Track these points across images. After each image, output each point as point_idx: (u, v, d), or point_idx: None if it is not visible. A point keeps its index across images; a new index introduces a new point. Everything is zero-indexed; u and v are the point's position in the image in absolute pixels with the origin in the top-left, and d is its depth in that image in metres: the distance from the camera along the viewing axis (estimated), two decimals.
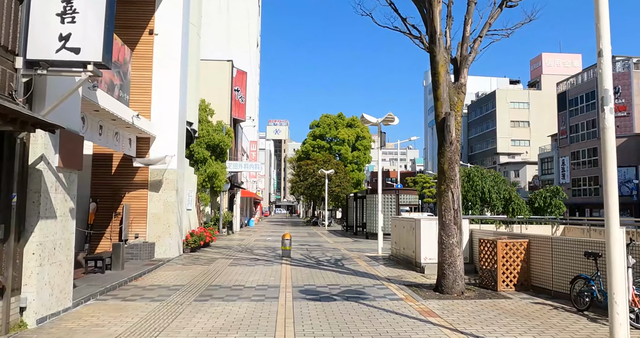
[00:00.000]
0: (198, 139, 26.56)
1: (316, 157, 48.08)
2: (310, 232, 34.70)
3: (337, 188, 45.33)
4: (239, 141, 33.79)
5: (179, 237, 16.54)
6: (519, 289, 10.26)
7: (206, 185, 26.34)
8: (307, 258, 16.42)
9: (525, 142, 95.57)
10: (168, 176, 15.91)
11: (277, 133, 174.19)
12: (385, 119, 18.28)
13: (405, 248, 14.38)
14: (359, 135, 54.61)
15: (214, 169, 25.93)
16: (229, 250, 18.90)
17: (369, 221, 27.77)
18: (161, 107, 16.03)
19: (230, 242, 23.92)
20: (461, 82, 10.41)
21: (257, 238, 26.93)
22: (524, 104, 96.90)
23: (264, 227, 42.73)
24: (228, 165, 28.06)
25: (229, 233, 29.34)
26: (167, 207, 15.77)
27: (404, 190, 27.76)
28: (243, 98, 30.71)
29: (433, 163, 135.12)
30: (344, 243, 23.72)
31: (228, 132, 28.20)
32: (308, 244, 23.11)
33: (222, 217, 28.26)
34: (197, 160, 26.61)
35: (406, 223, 14.49)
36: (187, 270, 13.21)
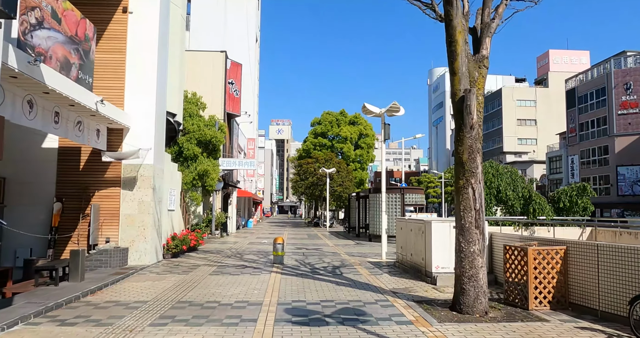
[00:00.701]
0: (189, 134, 24.74)
1: (317, 156, 46.20)
2: (310, 234, 32.82)
3: (339, 187, 43.44)
4: (235, 138, 31.95)
5: (157, 241, 14.68)
6: (555, 308, 8.35)
7: (197, 183, 24.48)
8: (302, 265, 14.53)
9: (532, 141, 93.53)
10: (143, 172, 14.05)
11: (279, 133, 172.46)
12: (389, 109, 16.39)
13: (414, 254, 12.48)
14: (362, 132, 52.68)
15: (204, 167, 24.08)
16: (216, 255, 17.03)
17: (372, 222, 25.88)
18: (136, 94, 14.18)
19: (222, 245, 22.06)
20: (482, 54, 8.51)
21: (252, 241, 25.06)
22: (530, 101, 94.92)
23: (263, 229, 40.87)
24: (221, 162, 26.22)
25: (222, 236, 27.49)
26: (142, 207, 13.91)
27: (409, 189, 25.88)
28: (238, 91, 28.87)
29: (438, 163, 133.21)
30: (344, 247, 21.84)
31: (221, 127, 26.36)
32: (305, 248, 21.24)
33: (214, 218, 26.41)
34: (187, 157, 24.77)
35: (414, 225, 12.58)
36: (160, 281, 11.34)
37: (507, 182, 19.19)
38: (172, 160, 24.86)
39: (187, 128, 24.71)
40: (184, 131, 24.86)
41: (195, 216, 26.53)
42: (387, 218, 17.90)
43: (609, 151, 59.11)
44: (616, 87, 59.57)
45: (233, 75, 28.41)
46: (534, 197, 18.97)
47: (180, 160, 25.10)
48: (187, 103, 25.65)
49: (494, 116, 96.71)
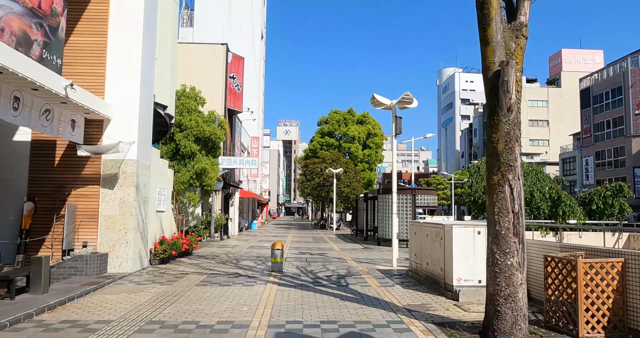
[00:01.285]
0: (186, 131, 23.28)
1: (324, 156, 44.62)
2: (315, 237, 31.25)
3: (347, 188, 41.83)
4: (237, 135, 30.46)
5: (142, 245, 13.15)
6: (611, 334, 6.73)
7: (194, 183, 23.00)
8: (303, 274, 12.95)
9: (544, 142, 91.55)
10: (126, 169, 12.55)
11: (287, 133, 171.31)
12: (401, 101, 14.79)
13: (430, 263, 10.87)
14: (371, 132, 51.03)
15: (202, 165, 22.59)
16: (210, 261, 15.49)
17: (381, 225, 24.27)
18: (118, 82, 12.68)
19: (220, 249, 20.53)
20: (520, 21, 6.91)
21: (253, 245, 23.52)
22: (542, 102, 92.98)
23: (267, 231, 39.34)
24: (221, 161, 24.72)
25: (222, 239, 25.98)
26: (124, 208, 12.40)
27: (421, 190, 24.25)
28: (240, 86, 27.40)
29: (447, 164, 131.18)
30: (351, 252, 20.25)
31: (221, 124, 24.88)
32: (309, 252, 19.67)
33: (213, 219, 24.90)
34: (184, 154, 23.30)
35: (430, 230, 10.98)
36: (137, 293, 9.81)
37: (532, 181, 17.42)
38: (169, 159, 23.43)
39: (185, 124, 23.25)
40: (181, 127, 23.42)
41: (194, 218, 25.05)
42: (398, 221, 16.28)
43: (626, 152, 57.15)
44: (633, 86, 57.64)
45: (235, 69, 26.94)
46: (563, 199, 17.14)
47: (178, 159, 23.65)
48: (184, 98, 24.21)
49: None
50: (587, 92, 66.04)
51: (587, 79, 67.17)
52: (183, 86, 24.65)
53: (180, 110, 23.80)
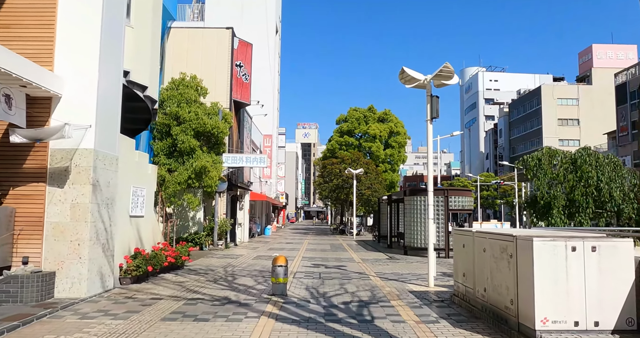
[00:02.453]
0: (184, 124, 20.37)
1: (343, 156, 41.47)
2: (333, 244, 28.11)
3: (368, 191, 38.62)
4: (245, 132, 27.51)
5: (104, 261, 10.16)
6: None
7: (193, 183, 20.06)
8: (313, 299, 9.83)
9: (575, 142, 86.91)
10: (80, 161, 9.60)
11: (306, 136, 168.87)
12: (438, 75, 11.60)
13: (491, 290, 7.67)
14: (393, 130, 47.71)
15: (202, 163, 19.63)
16: (199, 279, 12.47)
17: (408, 231, 21.04)
18: (72, 49, 9.76)
19: (220, 260, 17.54)
20: None
21: (261, 254, 20.49)
22: (572, 100, 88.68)
23: (281, 237, 36.34)
24: (225, 159, 21.76)
25: (227, 246, 22.99)
26: (76, 213, 9.45)
27: (455, 191, 20.98)
28: (248, 76, 24.48)
29: (470, 167, 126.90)
30: (375, 263, 17.08)
31: (225, 117, 21.93)
32: (325, 264, 16.56)
33: (217, 225, 21.92)
34: (182, 151, 20.39)
35: (491, 243, 7.77)
36: (71, 336, 6.81)
37: (610, 176, 13.82)
38: (165, 156, 20.56)
39: (183, 116, 20.35)
40: (179, 120, 20.52)
41: (194, 223, 22.12)
42: (435, 228, 13.09)
43: None
44: None
45: (241, 57, 24.04)
46: None
47: (175, 156, 20.75)
48: (183, 87, 21.34)
49: (532, 116, 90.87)
50: (624, 88, 61.95)
51: (623, 74, 63.06)
52: (182, 74, 21.78)
53: (178, 100, 20.92)
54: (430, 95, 11.88)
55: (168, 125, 20.52)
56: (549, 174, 13.30)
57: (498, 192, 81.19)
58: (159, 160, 20.50)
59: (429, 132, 12.16)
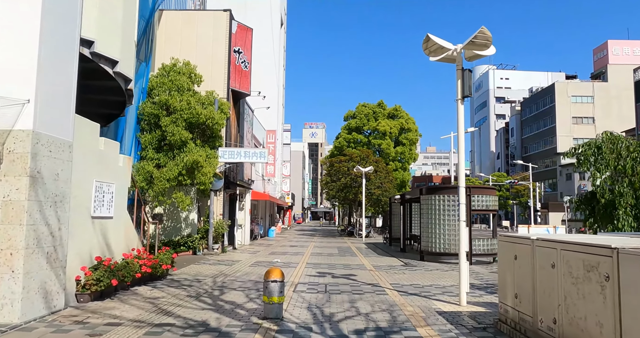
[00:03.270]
0: (175, 114, 18.25)
1: (351, 153, 39.21)
2: (341, 248, 25.89)
3: (377, 190, 36.35)
4: (246, 125, 25.35)
5: (50, 274, 7.98)
6: None
7: (184, 180, 17.93)
8: (316, 325, 7.60)
9: None
10: (14, 146, 7.43)
11: (313, 136, 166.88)
12: (470, 43, 9.32)
13: (566, 322, 5.41)
14: (403, 126, 45.38)
15: (194, 157, 17.49)
16: (180, 293, 10.29)
17: (425, 234, 18.78)
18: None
19: (212, 267, 15.36)
20: None
21: (261, 260, 18.31)
22: (587, 97, 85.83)
23: (286, 239, 34.15)
24: (221, 153, 19.60)
25: (224, 250, 20.81)
26: (8, 213, 7.29)
27: (478, 189, 18.71)
28: (247, 63, 22.33)
29: (481, 167, 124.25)
30: (389, 272, 14.84)
31: (222, 107, 19.79)
32: (332, 272, 14.35)
33: (212, 227, 19.75)
34: (171, 144, 18.28)
35: (567, 257, 5.50)
36: None
37: None
38: (154, 150, 18.46)
39: (174, 105, 18.23)
40: (169, 110, 18.40)
41: (187, 225, 19.98)
42: (467, 233, 10.80)
43: None
44: None
45: (240, 42, 21.90)
46: None
47: (165, 149, 18.64)
48: (175, 74, 19.23)
49: (545, 114, 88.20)
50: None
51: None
52: (174, 60, 19.67)
53: (169, 88, 18.80)
54: (461, 69, 9.62)
55: (157, 115, 18.41)
56: (612, 165, 10.90)
57: (510, 192, 78.73)
58: (147, 154, 18.40)
59: (460, 113, 9.89)
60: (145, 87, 19.02)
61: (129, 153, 17.89)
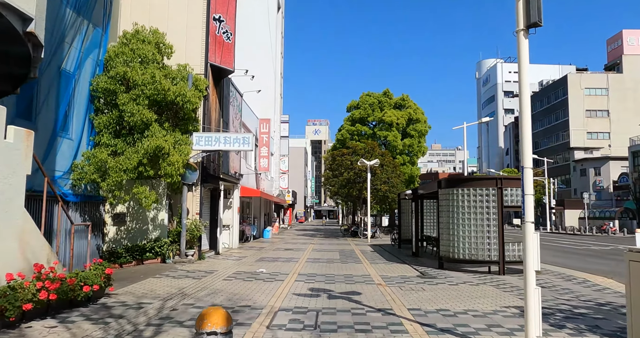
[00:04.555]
0: (135, 90, 14.78)
1: (355, 146, 35.66)
2: (344, 251, 22.37)
3: (384, 186, 32.80)
4: (232, 110, 21.78)
5: None
6: None
7: (146, 171, 14.44)
8: None
9: (604, 135, 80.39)
10: None
11: (316, 133, 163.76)
12: None
13: None
14: (412, 117, 41.71)
15: (157, 142, 13.99)
16: (94, 332, 6.82)
17: (445, 237, 15.23)
18: None
19: (173, 282, 11.87)
20: None
21: (242, 270, 14.83)
22: (601, 90, 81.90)
23: (283, 240, 30.64)
24: (196, 139, 16.11)
25: (202, 257, 17.31)
26: None
27: (511, 181, 15.14)
28: (231, 35, 18.81)
29: (489, 163, 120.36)
30: (404, 288, 11.30)
31: (197, 84, 16.29)
32: (329, 290, 10.84)
33: (184, 229, 16.22)
34: (131, 127, 14.80)
35: None
36: None
37: None
38: (110, 134, 14.99)
39: (133, 79, 14.74)
40: (128, 85, 14.92)
41: (156, 226, 16.48)
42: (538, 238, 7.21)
43: None
44: None
45: (222, 9, 18.40)
46: None
47: (124, 134, 15.14)
48: (137, 41, 15.76)
49: (557, 107, 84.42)
50: None
51: None
52: (136, 26, 16.18)
53: (129, 58, 15.30)
54: None
55: (114, 91, 14.91)
56: None
57: None
58: (102, 139, 14.91)
59: (522, 47, 6.32)
60: (101, 60, 15.56)
61: (79, 138, 14.46)
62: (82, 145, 14.67)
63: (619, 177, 67.28)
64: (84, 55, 14.48)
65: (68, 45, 13.46)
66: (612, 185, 68.36)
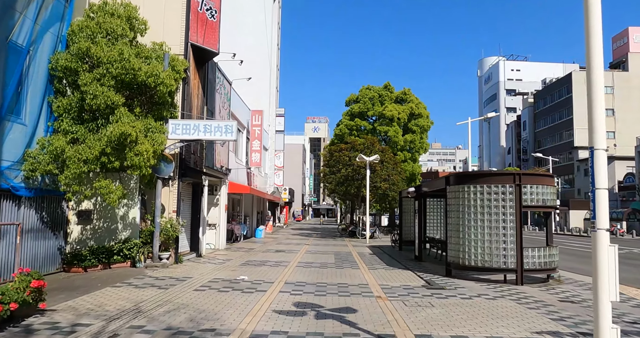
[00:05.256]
0: (99, 68, 12.86)
1: (353, 141, 33.73)
2: (340, 253, 20.47)
3: (384, 183, 30.88)
4: (219, 98, 19.82)
5: None
6: None
7: (110, 162, 12.52)
8: None
9: (609, 134, 78.38)
10: None
11: (315, 131, 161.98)
12: None
13: None
14: (414, 112, 39.73)
15: (123, 129, 12.05)
16: None
17: (455, 241, 13.30)
18: None
19: (133, 294, 9.95)
20: None
21: (220, 277, 12.92)
22: (607, 88, 79.70)
23: (276, 240, 28.72)
24: (172, 127, 14.17)
25: (180, 260, 15.39)
26: None
27: (531, 177, 13.19)
28: (215, 12, 16.88)
29: (490, 162, 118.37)
30: (408, 302, 9.37)
31: (173, 64, 14.36)
32: (318, 305, 8.92)
33: (158, 229, 14.26)
34: (94, 110, 12.87)
35: None
36: None
37: None
38: (73, 119, 13.09)
39: (97, 55, 12.81)
40: (91, 62, 13.01)
41: (127, 225, 14.57)
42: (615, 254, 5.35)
43: None
44: None
45: None
46: None
47: (87, 119, 13.21)
48: (104, 14, 13.81)
49: (561, 106, 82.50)
50: None
51: None
52: None
53: (93, 33, 13.35)
54: None
55: (75, 70, 12.97)
56: None
57: None
58: (61, 126, 12.97)
59: None
60: (64, 35, 13.62)
61: (34, 123, 12.54)
62: (39, 132, 12.74)
63: (625, 177, 65.50)
64: (40, 28, 12.54)
65: (18, 14, 11.53)
66: (617, 185, 66.53)
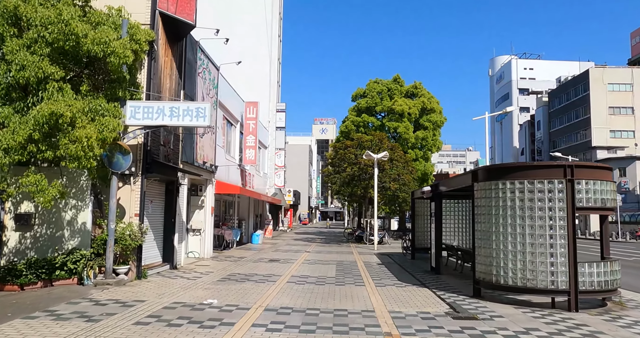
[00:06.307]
0: (29, 32, 10.07)
1: (359, 137, 30.81)
2: (343, 263, 17.56)
3: (394, 184, 27.94)
4: (201, 83, 16.93)
5: None
6: None
7: (39, 151, 9.70)
8: None
9: (629, 133, 75.00)
10: None
11: (323, 132, 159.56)
12: None
13: None
14: (425, 106, 36.71)
15: (53, 108, 9.22)
16: None
17: (485, 253, 10.34)
18: None
19: (47, 329, 7.10)
20: None
21: (184, 301, 10.05)
22: (626, 85, 76.53)
23: (274, 247, 25.84)
24: (130, 110, 11.34)
25: (143, 276, 12.52)
26: None
27: (586, 170, 10.25)
28: None
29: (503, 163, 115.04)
30: None
31: (132, 33, 11.54)
32: None
33: (112, 235, 11.38)
34: (20, 83, 10.05)
35: None
36: None
37: None
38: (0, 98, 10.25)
39: (28, 16, 10.01)
40: (20, 26, 10.23)
41: (76, 232, 11.73)
42: None
43: None
44: None
45: None
46: None
47: (16, 97, 10.40)
48: None
49: (577, 104, 79.05)
50: None
51: None
52: None
53: None
54: None
55: (1, 36, 10.17)
56: None
57: None
58: None
59: None
60: None
61: None
62: None
63: None
64: None
65: None
66: (639, 186, 63.26)
